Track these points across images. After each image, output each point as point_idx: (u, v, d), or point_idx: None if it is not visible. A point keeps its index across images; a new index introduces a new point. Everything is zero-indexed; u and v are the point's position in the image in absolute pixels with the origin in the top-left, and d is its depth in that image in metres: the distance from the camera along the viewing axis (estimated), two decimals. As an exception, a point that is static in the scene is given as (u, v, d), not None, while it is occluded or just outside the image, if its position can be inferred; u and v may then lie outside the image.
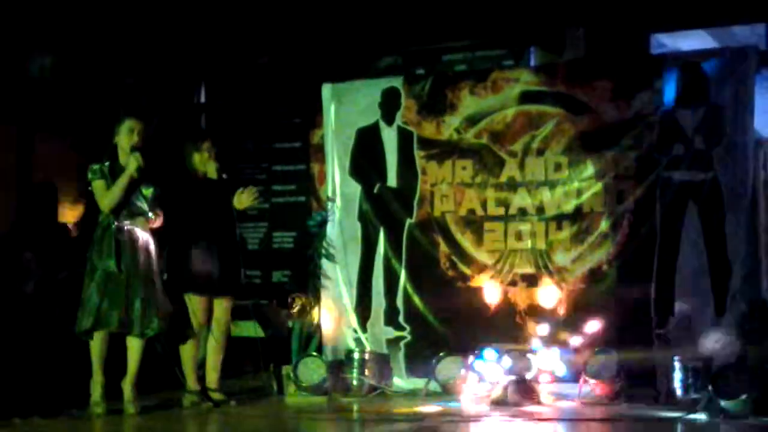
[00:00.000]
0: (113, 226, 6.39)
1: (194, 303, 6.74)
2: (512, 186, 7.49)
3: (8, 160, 8.04)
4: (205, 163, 6.83)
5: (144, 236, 6.50)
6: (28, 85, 7.97)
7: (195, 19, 8.65)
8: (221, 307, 6.86)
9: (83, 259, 6.47)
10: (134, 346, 6.45)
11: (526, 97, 7.49)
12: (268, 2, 8.47)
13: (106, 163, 6.46)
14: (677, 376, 6.33)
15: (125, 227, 6.42)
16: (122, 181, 6.38)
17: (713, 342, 6.62)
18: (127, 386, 6.47)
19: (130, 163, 6.40)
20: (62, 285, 7.26)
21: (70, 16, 8.08)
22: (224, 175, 6.83)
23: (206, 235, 6.78)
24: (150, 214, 6.49)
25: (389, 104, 7.87)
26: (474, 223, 7.59)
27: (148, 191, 6.52)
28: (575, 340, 7.00)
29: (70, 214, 8.40)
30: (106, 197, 6.39)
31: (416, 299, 7.67)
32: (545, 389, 6.82)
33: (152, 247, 6.54)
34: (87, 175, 6.46)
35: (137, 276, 6.40)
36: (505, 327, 7.32)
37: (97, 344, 6.42)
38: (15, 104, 7.85)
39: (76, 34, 8.22)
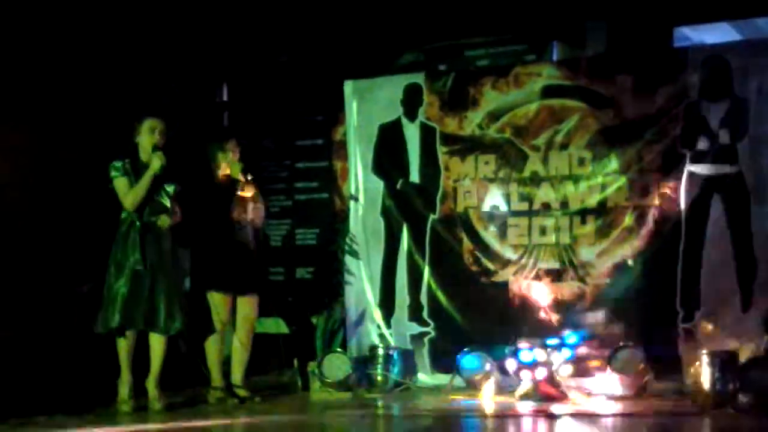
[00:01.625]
0: (138, 224, 6.43)
1: (218, 301, 6.77)
2: (536, 181, 7.48)
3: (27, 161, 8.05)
4: (229, 162, 6.84)
5: (166, 233, 6.53)
6: (48, 86, 8.00)
7: (216, 18, 8.66)
8: (246, 304, 6.88)
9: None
10: (157, 343, 6.49)
11: (548, 92, 7.47)
12: (289, 0, 8.47)
13: (128, 161, 6.50)
14: (704, 370, 6.28)
15: (149, 224, 6.46)
16: (146, 179, 6.43)
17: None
18: (151, 384, 6.51)
19: (154, 161, 6.45)
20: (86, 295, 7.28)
21: (91, 16, 8.10)
22: (249, 176, 6.84)
23: (230, 233, 6.79)
24: (171, 212, 6.53)
25: (411, 100, 7.87)
26: (497, 218, 7.57)
27: (170, 188, 6.56)
28: (600, 335, 6.97)
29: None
30: (130, 195, 6.44)
31: (440, 295, 7.67)
32: (571, 384, 6.79)
33: (171, 244, 6.57)
34: (109, 173, 6.50)
35: (162, 273, 6.44)
36: (530, 322, 7.31)
37: (125, 342, 6.46)
38: (34, 106, 7.88)
39: (97, 34, 8.24)
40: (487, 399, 6.76)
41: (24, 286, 7.30)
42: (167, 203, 6.55)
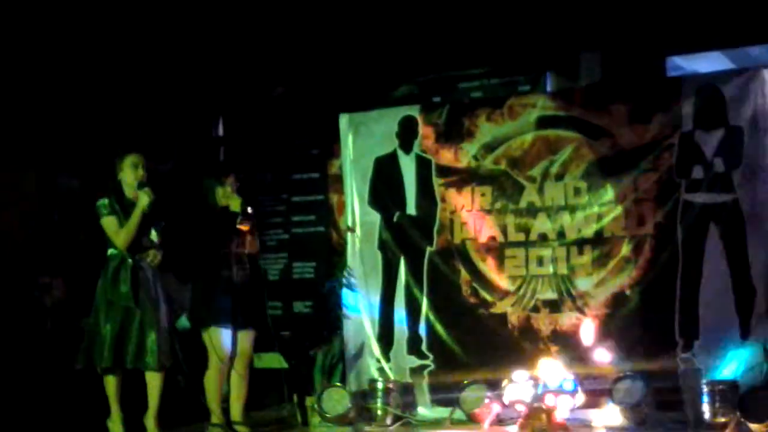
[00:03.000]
0: (129, 261, 6.40)
1: (217, 336, 6.74)
2: (532, 211, 7.49)
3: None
4: (228, 197, 6.84)
5: (155, 269, 6.51)
6: (44, 127, 8.02)
7: (211, 52, 8.70)
8: (245, 339, 6.85)
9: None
10: (154, 380, 6.44)
11: (543, 123, 7.50)
12: (283, 34, 8.51)
13: (114, 198, 6.47)
14: (705, 400, 6.26)
15: (139, 261, 6.43)
16: (136, 217, 6.38)
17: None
18: (150, 421, 6.47)
19: (141, 198, 6.39)
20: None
21: (85, 50, 8.13)
22: (249, 209, 6.83)
23: (228, 268, 6.78)
24: (159, 248, 6.50)
25: (407, 133, 7.89)
26: (495, 250, 7.57)
27: (157, 225, 6.53)
28: (600, 366, 6.96)
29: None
30: (121, 234, 6.38)
31: (439, 327, 7.66)
32: (570, 416, 6.76)
33: (162, 280, 6.56)
34: (97, 211, 6.46)
35: (152, 310, 6.40)
36: (529, 353, 7.29)
37: (114, 380, 6.41)
38: (33, 146, 7.90)
39: (93, 70, 8.28)
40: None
41: (17, 326, 7.31)
42: (155, 239, 6.52)
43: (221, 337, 6.75)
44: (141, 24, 8.15)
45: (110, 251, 6.47)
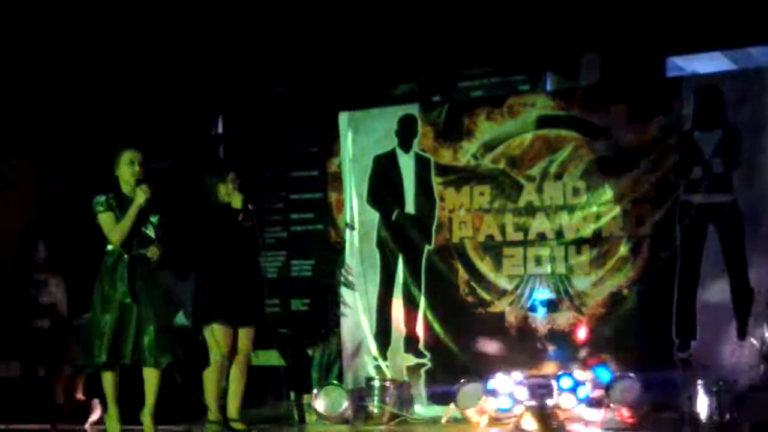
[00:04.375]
0: (126, 257, 6.38)
1: (220, 333, 6.72)
2: (531, 211, 7.48)
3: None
4: (230, 194, 6.83)
5: (154, 266, 6.49)
6: (47, 119, 8.02)
7: (211, 51, 8.70)
8: (245, 336, 6.84)
9: None
10: (151, 376, 6.40)
11: (542, 122, 7.50)
12: (284, 33, 8.51)
13: (111, 195, 6.45)
14: (701, 399, 6.26)
15: (137, 257, 6.42)
16: (132, 213, 6.33)
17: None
18: (146, 417, 6.43)
19: (138, 195, 6.35)
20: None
21: (86, 48, 8.14)
22: (250, 206, 6.83)
23: (231, 264, 6.78)
24: (158, 243, 6.49)
25: (406, 131, 7.89)
26: (493, 249, 7.58)
27: (154, 219, 6.51)
28: (596, 365, 6.95)
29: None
30: (116, 231, 6.34)
31: (436, 326, 7.66)
32: (567, 415, 6.76)
33: (161, 277, 6.55)
34: (93, 208, 6.45)
35: (150, 306, 6.37)
36: (526, 352, 7.29)
37: (111, 376, 6.39)
38: (35, 138, 7.90)
39: (93, 67, 8.28)
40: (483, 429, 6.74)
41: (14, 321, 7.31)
42: (152, 235, 6.50)
43: (223, 334, 6.74)
44: (142, 22, 8.16)
45: (108, 247, 6.46)
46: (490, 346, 7.43)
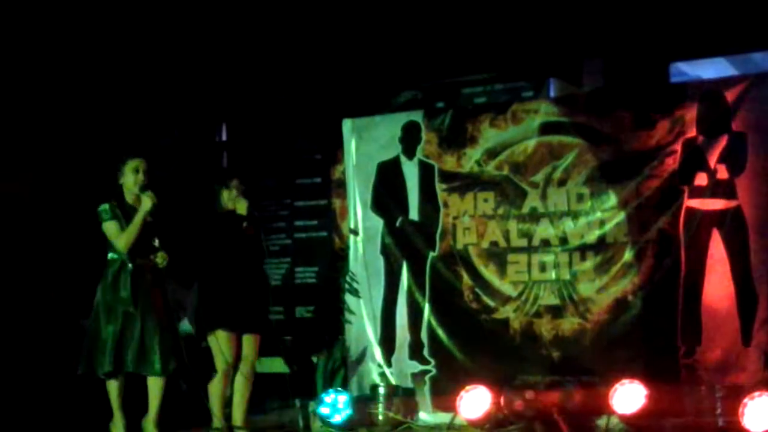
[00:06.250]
0: (130, 265, 6.38)
1: (224, 340, 6.73)
2: (535, 217, 7.48)
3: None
4: (233, 200, 6.84)
5: (158, 273, 6.50)
6: (44, 131, 8.03)
7: (215, 58, 8.72)
8: (250, 343, 6.85)
9: None
10: (155, 384, 6.42)
11: (546, 129, 7.49)
12: (287, 40, 8.53)
13: (114, 203, 6.46)
14: (706, 405, 6.25)
15: (140, 265, 6.42)
16: (138, 220, 6.35)
17: None
18: (150, 425, 6.45)
19: (144, 202, 6.36)
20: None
21: (89, 55, 8.15)
22: (255, 212, 6.83)
23: (235, 271, 6.78)
24: (163, 250, 6.49)
25: (410, 138, 7.90)
26: (497, 255, 7.57)
27: (157, 229, 6.52)
28: (601, 372, 6.94)
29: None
30: (123, 238, 6.36)
31: (440, 332, 7.65)
32: (572, 422, 6.75)
33: (164, 284, 6.55)
34: (98, 216, 6.46)
35: (153, 314, 6.38)
36: (531, 359, 7.29)
37: (116, 384, 6.40)
38: (33, 149, 7.91)
39: (95, 74, 8.29)
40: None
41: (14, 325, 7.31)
42: (156, 243, 6.51)
43: (227, 341, 6.75)
44: (145, 30, 8.18)
45: (110, 255, 6.45)
46: (494, 353, 7.41)
